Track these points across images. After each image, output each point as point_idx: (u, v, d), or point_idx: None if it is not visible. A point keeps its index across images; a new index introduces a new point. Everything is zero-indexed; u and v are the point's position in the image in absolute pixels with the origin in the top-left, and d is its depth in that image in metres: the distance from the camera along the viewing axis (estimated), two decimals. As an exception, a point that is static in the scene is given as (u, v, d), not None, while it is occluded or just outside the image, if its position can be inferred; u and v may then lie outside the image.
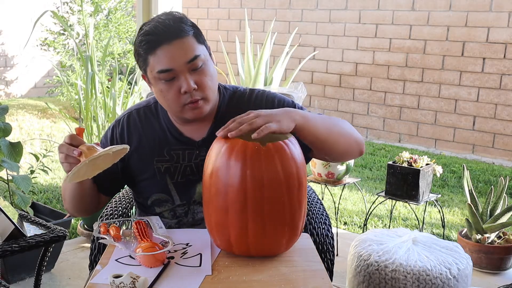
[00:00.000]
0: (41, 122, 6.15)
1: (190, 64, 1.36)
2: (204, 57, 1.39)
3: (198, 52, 1.37)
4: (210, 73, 1.40)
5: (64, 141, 1.26)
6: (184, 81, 1.35)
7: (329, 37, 6.09)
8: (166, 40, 1.33)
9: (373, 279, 2.11)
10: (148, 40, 1.35)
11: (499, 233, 2.87)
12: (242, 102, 1.53)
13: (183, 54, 1.34)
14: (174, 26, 1.35)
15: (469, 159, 5.26)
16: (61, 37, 6.30)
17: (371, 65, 5.83)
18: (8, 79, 7.56)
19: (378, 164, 5.00)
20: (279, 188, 1.19)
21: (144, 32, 1.37)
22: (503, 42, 4.96)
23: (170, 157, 1.50)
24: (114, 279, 1.09)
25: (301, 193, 1.23)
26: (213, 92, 1.43)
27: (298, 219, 1.25)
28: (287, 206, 1.21)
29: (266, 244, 1.24)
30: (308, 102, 6.37)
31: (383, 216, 3.70)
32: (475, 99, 5.21)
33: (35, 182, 3.18)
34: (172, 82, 1.37)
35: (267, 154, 1.19)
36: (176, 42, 1.34)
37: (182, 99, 1.38)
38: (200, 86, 1.38)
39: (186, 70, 1.35)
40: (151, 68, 1.38)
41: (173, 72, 1.35)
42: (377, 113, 5.90)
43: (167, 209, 1.54)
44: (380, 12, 5.69)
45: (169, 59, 1.34)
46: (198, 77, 1.37)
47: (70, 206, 1.53)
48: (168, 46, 1.34)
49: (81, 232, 3.13)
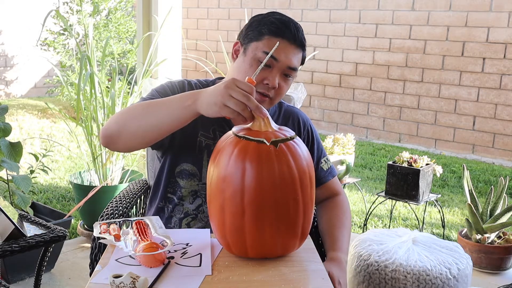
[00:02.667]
0: (41, 122, 6.15)
1: (288, 70, 1.48)
2: (295, 74, 1.52)
3: (297, 68, 1.51)
4: (289, 86, 1.53)
5: (246, 91, 1.18)
6: (273, 76, 1.45)
7: (329, 37, 6.09)
8: (292, 39, 1.47)
9: (373, 279, 2.11)
10: (279, 26, 1.47)
11: (499, 233, 2.87)
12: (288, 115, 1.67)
13: (291, 58, 1.47)
14: (301, 37, 1.50)
15: (469, 159, 5.26)
16: (61, 37, 6.31)
17: (371, 65, 5.83)
18: (8, 79, 7.56)
19: (378, 164, 5.00)
20: (294, 187, 1.19)
21: (278, 18, 1.49)
22: (503, 42, 4.96)
23: (214, 136, 1.55)
24: (114, 279, 1.09)
25: (312, 193, 1.24)
26: (279, 99, 1.55)
27: (307, 219, 1.25)
28: (300, 205, 1.21)
29: (280, 244, 1.24)
30: (308, 102, 6.37)
31: (383, 216, 3.70)
32: (475, 99, 5.21)
33: (35, 182, 3.18)
34: (263, 69, 1.44)
35: (280, 154, 1.19)
36: (295, 47, 1.48)
37: (259, 86, 1.45)
38: (279, 89, 1.49)
39: (282, 70, 1.47)
40: (261, 46, 1.46)
41: (274, 62, 1.45)
42: (377, 113, 5.90)
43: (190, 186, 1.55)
44: (380, 12, 5.69)
45: (283, 53, 1.45)
46: (283, 82, 1.49)
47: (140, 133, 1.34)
48: (289, 43, 1.46)
49: (81, 232, 3.13)
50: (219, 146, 1.25)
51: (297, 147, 1.23)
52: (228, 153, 1.22)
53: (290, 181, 1.19)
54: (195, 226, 1.57)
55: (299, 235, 1.25)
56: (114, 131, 1.35)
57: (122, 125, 1.35)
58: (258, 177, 1.18)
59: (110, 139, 1.37)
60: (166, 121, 1.31)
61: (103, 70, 3.30)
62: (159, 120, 1.31)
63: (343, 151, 2.88)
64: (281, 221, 1.21)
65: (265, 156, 1.19)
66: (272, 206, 1.19)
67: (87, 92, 3.16)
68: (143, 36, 3.25)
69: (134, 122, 1.34)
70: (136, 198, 1.84)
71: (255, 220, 1.20)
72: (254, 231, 1.21)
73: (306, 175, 1.22)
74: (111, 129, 1.36)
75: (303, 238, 1.28)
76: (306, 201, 1.22)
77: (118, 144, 1.38)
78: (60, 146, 4.89)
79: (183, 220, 1.58)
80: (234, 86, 1.19)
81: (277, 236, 1.22)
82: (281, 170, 1.19)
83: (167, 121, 1.31)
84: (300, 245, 1.29)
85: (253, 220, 1.20)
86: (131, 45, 6.34)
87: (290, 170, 1.19)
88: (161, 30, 3.11)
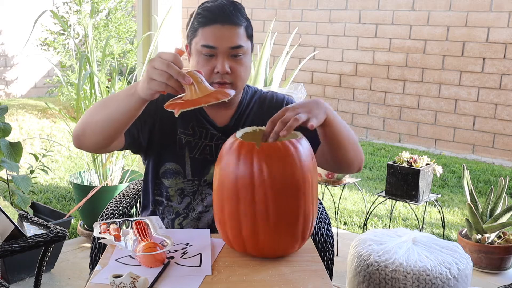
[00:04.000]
0: (41, 122, 6.15)
1: (232, 50, 1.45)
2: (246, 49, 1.49)
3: (243, 43, 1.47)
4: (246, 65, 1.50)
5: (167, 59, 1.18)
6: (221, 62, 1.45)
7: (329, 37, 6.09)
8: (221, 21, 1.44)
9: (373, 279, 2.11)
10: (205, 15, 1.45)
11: (499, 233, 2.87)
12: (263, 102, 1.63)
13: (229, 39, 1.44)
14: (232, 12, 1.45)
15: (469, 159, 5.26)
16: (61, 37, 6.30)
17: (371, 65, 5.83)
18: (8, 79, 7.56)
19: (378, 164, 5.00)
20: (270, 188, 1.19)
21: (204, 7, 1.47)
22: (503, 42, 4.96)
23: (194, 132, 1.56)
24: (114, 279, 1.09)
25: (299, 195, 1.23)
26: (242, 82, 1.52)
27: (296, 222, 1.24)
28: (280, 208, 1.20)
29: (261, 244, 1.23)
30: (308, 102, 6.37)
31: (383, 216, 3.70)
32: (475, 99, 5.21)
33: (35, 182, 3.18)
34: (210, 58, 1.45)
35: (284, 153, 1.19)
36: (228, 26, 1.44)
37: (212, 77, 1.46)
38: (233, 72, 1.47)
39: (226, 53, 1.45)
40: (198, 40, 1.46)
41: (214, 50, 1.45)
42: (377, 113, 5.90)
43: (176, 184, 1.56)
44: (380, 12, 5.69)
45: (216, 38, 1.44)
46: (235, 64, 1.47)
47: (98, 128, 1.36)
48: (220, 26, 1.44)
49: (81, 232, 3.13)
50: (223, 148, 1.27)
51: (298, 146, 1.23)
52: (229, 153, 1.23)
53: (292, 180, 1.19)
54: (188, 225, 1.58)
55: (299, 236, 1.25)
56: (80, 131, 1.39)
57: (85, 124, 1.38)
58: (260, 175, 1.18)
59: (78, 139, 1.41)
60: (117, 113, 1.32)
61: (103, 70, 3.30)
62: (111, 113, 1.33)
63: (343, 151, 2.88)
64: (281, 220, 1.21)
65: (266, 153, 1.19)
66: (272, 202, 1.19)
67: (87, 92, 3.16)
68: (143, 36, 3.25)
69: (93, 118, 1.36)
70: (136, 198, 1.84)
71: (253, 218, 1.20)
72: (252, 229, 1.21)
73: (307, 174, 1.22)
74: (78, 129, 1.40)
75: (304, 239, 1.27)
76: (307, 200, 1.22)
77: (85, 143, 1.41)
78: (60, 146, 4.89)
79: (175, 220, 1.59)
80: (157, 57, 1.20)
81: (276, 236, 1.22)
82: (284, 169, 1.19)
83: (118, 112, 1.32)
84: (300, 246, 1.29)
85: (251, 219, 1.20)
86: (131, 45, 6.34)
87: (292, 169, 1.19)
88: (161, 30, 3.10)
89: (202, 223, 1.57)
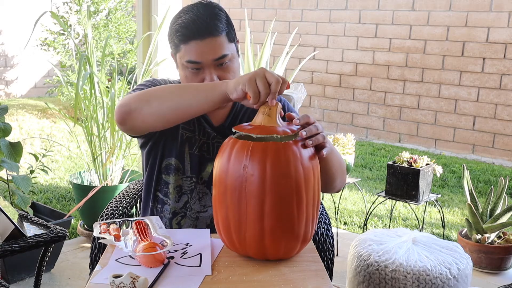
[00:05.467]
0: (41, 122, 6.15)
1: (217, 61, 1.45)
2: (231, 55, 1.48)
3: (227, 52, 1.46)
4: (234, 69, 1.50)
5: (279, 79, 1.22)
6: (208, 74, 1.45)
7: (329, 37, 6.09)
8: (200, 36, 1.42)
9: (373, 279, 2.11)
10: (183, 32, 1.44)
11: (499, 233, 2.87)
12: None
13: (212, 51, 1.44)
14: (209, 23, 1.43)
15: (469, 159, 5.26)
16: (61, 37, 6.30)
17: (371, 65, 5.83)
18: (8, 79, 7.56)
19: (378, 164, 5.00)
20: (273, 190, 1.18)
21: (180, 23, 1.45)
22: (503, 42, 4.96)
23: (194, 128, 1.58)
24: (114, 279, 1.09)
25: (300, 196, 1.23)
26: None
27: (299, 224, 1.23)
28: (282, 210, 1.20)
29: (264, 247, 1.23)
30: (308, 102, 6.37)
31: (383, 216, 3.70)
32: (475, 99, 5.21)
33: (35, 182, 3.18)
34: (197, 71, 1.46)
35: (285, 153, 1.19)
36: (208, 39, 1.43)
37: None
38: (223, 79, 1.46)
39: (212, 65, 1.45)
40: (181, 55, 1.47)
41: (200, 64, 1.45)
42: (377, 113, 5.90)
43: (175, 181, 1.57)
44: (380, 12, 5.69)
45: (199, 53, 1.43)
46: (222, 72, 1.47)
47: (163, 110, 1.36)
48: (200, 41, 1.43)
49: (81, 232, 3.13)
50: (223, 150, 1.26)
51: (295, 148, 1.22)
52: (231, 156, 1.22)
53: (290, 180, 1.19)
54: (186, 224, 1.59)
55: (303, 238, 1.24)
56: (136, 107, 1.36)
57: (145, 102, 1.35)
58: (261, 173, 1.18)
59: (129, 115, 1.37)
60: (193, 100, 1.34)
61: (103, 70, 3.30)
62: (187, 100, 1.34)
63: (343, 151, 2.88)
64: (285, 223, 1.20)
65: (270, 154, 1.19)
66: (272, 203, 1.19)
67: (86, 92, 3.16)
68: (143, 36, 3.25)
69: (160, 101, 1.35)
70: (136, 198, 1.84)
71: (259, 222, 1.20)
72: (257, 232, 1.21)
73: (310, 174, 1.22)
74: (132, 105, 1.36)
75: (307, 241, 1.27)
76: (308, 200, 1.22)
77: (136, 121, 1.38)
78: (60, 146, 4.89)
79: (173, 220, 1.59)
80: (270, 72, 1.24)
81: (281, 238, 1.21)
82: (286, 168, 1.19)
83: (194, 100, 1.34)
84: (302, 248, 1.28)
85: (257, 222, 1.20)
86: (131, 45, 6.34)
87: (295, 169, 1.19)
88: (161, 30, 3.10)
89: (200, 222, 1.58)
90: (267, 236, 1.20)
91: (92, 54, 3.05)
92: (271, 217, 1.19)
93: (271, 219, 1.19)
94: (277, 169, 1.18)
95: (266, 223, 1.19)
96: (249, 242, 1.22)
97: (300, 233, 1.23)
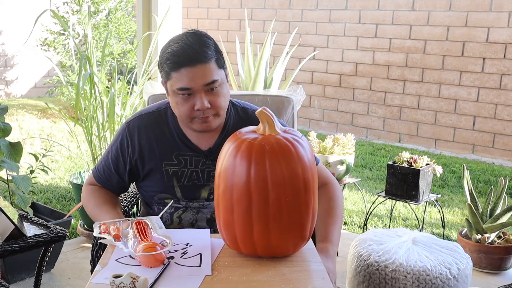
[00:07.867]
0: (41, 122, 6.15)
1: (207, 86, 1.49)
2: (221, 80, 1.51)
3: (217, 77, 1.50)
4: (224, 94, 1.53)
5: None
6: (199, 100, 1.48)
7: (329, 37, 6.09)
8: (190, 63, 1.46)
9: (373, 279, 2.11)
10: (173, 60, 1.48)
11: (499, 233, 2.87)
12: (250, 119, 1.64)
13: (202, 77, 1.47)
14: (199, 51, 1.47)
15: (469, 159, 5.26)
16: (61, 37, 6.30)
17: (371, 65, 5.83)
18: (8, 79, 7.56)
19: (378, 164, 5.00)
20: (283, 188, 1.19)
21: (171, 52, 1.48)
22: (503, 42, 4.96)
23: (178, 162, 1.59)
24: (114, 279, 1.09)
25: (308, 195, 1.23)
26: (224, 110, 1.56)
27: (305, 221, 1.24)
28: (292, 207, 1.21)
29: (272, 245, 1.24)
30: (308, 102, 6.37)
31: (383, 216, 3.70)
32: (475, 99, 5.21)
33: (35, 182, 3.18)
34: (188, 98, 1.50)
35: (272, 154, 1.20)
36: (198, 66, 1.47)
37: (194, 113, 1.51)
38: (213, 105, 1.50)
39: (202, 90, 1.49)
40: (172, 83, 1.50)
41: (190, 90, 1.48)
42: (377, 113, 5.90)
43: (170, 207, 1.61)
44: (380, 12, 5.68)
45: (190, 80, 1.47)
46: (213, 97, 1.50)
47: None
48: (190, 68, 1.46)
49: (81, 232, 3.13)
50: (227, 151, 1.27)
51: (292, 148, 1.22)
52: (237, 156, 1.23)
53: (279, 182, 1.19)
54: (186, 217, 1.61)
55: (292, 238, 1.25)
56: None
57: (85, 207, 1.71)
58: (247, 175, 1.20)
59: None
60: None
61: (103, 70, 3.30)
62: None
63: (343, 151, 2.88)
64: (269, 221, 1.21)
65: (255, 154, 1.20)
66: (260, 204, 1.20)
67: (87, 92, 3.16)
68: (143, 36, 3.25)
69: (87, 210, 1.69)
70: (136, 198, 1.84)
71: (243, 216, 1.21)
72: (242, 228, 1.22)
73: (299, 177, 1.22)
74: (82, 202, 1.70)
75: (298, 242, 1.27)
76: (298, 204, 1.22)
77: None
78: (60, 146, 4.89)
79: (174, 214, 1.62)
80: None
81: (287, 235, 1.22)
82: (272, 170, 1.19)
83: None
84: (296, 249, 1.29)
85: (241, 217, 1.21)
86: (131, 45, 6.34)
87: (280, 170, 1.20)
88: (160, 29, 3.10)
89: (201, 215, 1.59)
90: (279, 233, 1.21)
91: (92, 54, 3.05)
92: (284, 215, 1.20)
93: (284, 217, 1.20)
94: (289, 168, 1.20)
95: (278, 221, 1.21)
96: (258, 240, 1.22)
97: (308, 228, 1.25)
